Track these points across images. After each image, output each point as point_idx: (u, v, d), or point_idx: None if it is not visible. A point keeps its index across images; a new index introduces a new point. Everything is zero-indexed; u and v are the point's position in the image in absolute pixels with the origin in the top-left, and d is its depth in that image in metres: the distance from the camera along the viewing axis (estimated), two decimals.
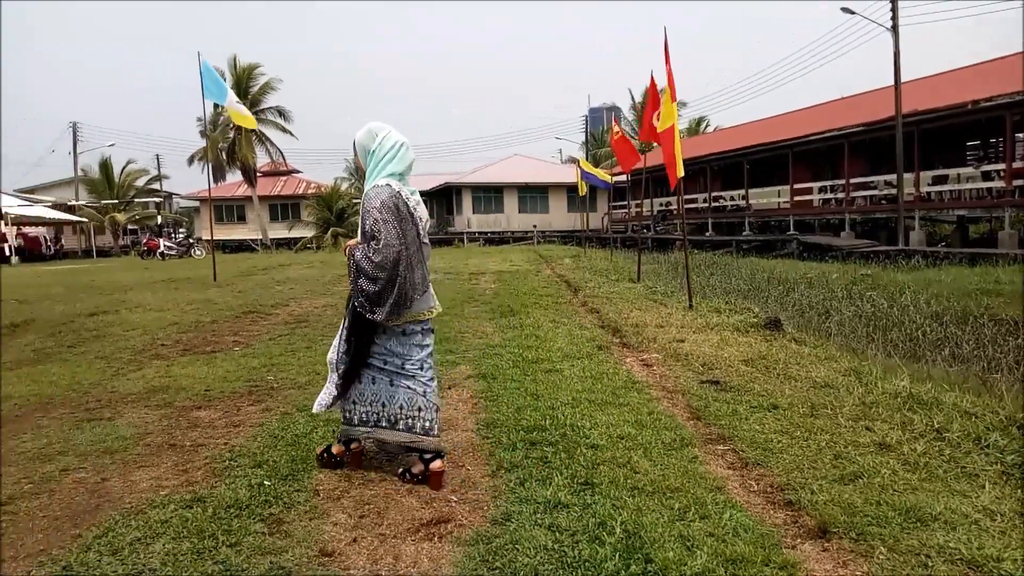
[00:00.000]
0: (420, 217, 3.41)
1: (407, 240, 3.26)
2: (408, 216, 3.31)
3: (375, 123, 3.52)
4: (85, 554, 2.58)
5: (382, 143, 3.41)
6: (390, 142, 3.41)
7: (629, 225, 39.49)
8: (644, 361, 6.14)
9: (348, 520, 2.90)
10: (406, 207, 3.31)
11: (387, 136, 3.42)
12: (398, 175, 3.37)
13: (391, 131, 3.47)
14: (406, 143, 3.45)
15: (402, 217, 3.27)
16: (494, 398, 4.78)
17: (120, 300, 11.73)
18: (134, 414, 4.58)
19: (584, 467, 3.38)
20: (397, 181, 3.34)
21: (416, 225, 3.36)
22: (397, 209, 3.25)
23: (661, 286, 12.59)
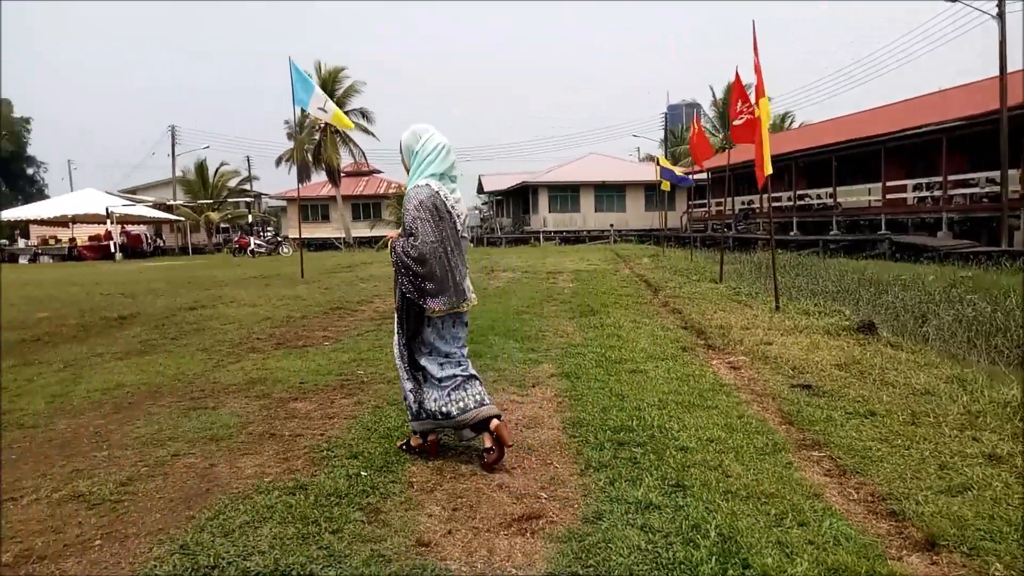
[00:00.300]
0: (459, 214, 3.61)
1: (443, 237, 3.49)
2: (447, 214, 3.52)
3: (419, 125, 3.72)
4: (199, 534, 2.74)
5: (424, 145, 3.61)
6: (432, 144, 3.61)
7: (709, 224, 38.66)
8: (730, 363, 6.01)
9: (442, 512, 2.97)
10: (444, 206, 3.51)
11: (430, 139, 3.63)
12: (439, 175, 3.57)
13: (434, 134, 3.66)
14: (448, 145, 3.65)
15: (440, 216, 3.49)
16: (578, 397, 4.78)
17: (217, 295, 12.33)
18: (236, 404, 4.81)
19: (674, 469, 3.35)
20: (437, 181, 3.55)
21: (455, 222, 3.57)
22: (435, 208, 3.48)
23: (745, 287, 12.26)
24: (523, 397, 4.88)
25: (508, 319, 8.50)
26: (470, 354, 6.19)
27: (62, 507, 3.11)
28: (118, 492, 3.23)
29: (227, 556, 2.54)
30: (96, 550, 2.67)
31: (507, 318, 8.60)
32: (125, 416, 4.62)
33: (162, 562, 2.53)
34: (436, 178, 3.57)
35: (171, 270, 21.62)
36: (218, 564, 2.49)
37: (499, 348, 6.56)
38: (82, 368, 6.30)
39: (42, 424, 4.51)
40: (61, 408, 4.90)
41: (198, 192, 44.72)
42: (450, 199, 3.58)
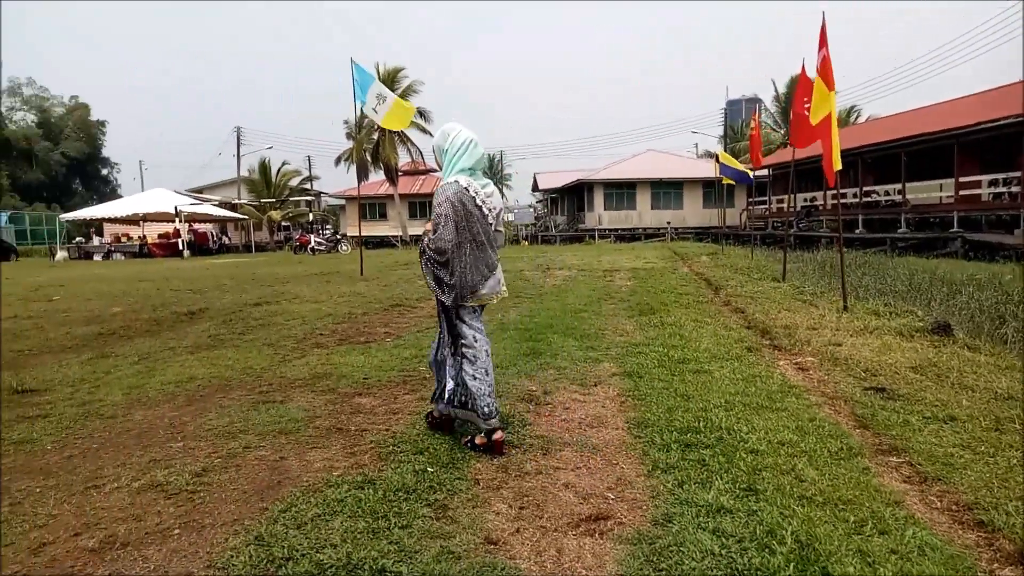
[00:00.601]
0: (491, 208, 3.75)
1: (466, 232, 3.63)
2: (475, 209, 3.65)
3: (448, 124, 3.88)
4: (273, 526, 2.80)
5: (452, 142, 3.76)
6: (460, 140, 3.76)
7: (770, 221, 37.75)
8: (798, 365, 5.84)
9: (509, 510, 2.96)
10: (472, 201, 3.65)
11: (457, 135, 3.77)
12: (468, 170, 3.72)
13: (461, 130, 3.81)
14: (474, 140, 3.79)
15: (466, 211, 3.62)
16: (642, 397, 4.71)
17: (280, 292, 12.64)
18: (302, 398, 4.91)
19: (745, 472, 3.27)
20: (467, 176, 3.69)
21: (484, 217, 3.71)
22: (462, 204, 3.61)
23: (809, 286, 11.91)
24: (585, 396, 4.84)
25: (566, 317, 8.46)
26: (528, 351, 6.24)
27: (141, 496, 3.22)
28: (194, 483, 3.32)
29: (300, 548, 2.58)
30: (175, 539, 2.75)
31: (565, 316, 8.55)
32: (198, 408, 4.76)
33: (238, 553, 2.58)
34: (467, 173, 3.71)
35: (235, 267, 22.27)
36: (292, 556, 2.53)
37: (558, 346, 6.53)
38: (156, 361, 6.52)
39: (120, 415, 4.68)
40: (137, 399, 5.08)
41: (261, 191, 45.94)
42: (480, 194, 3.70)
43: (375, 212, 46.75)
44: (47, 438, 4.20)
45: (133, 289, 14.19)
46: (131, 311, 10.47)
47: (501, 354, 6.18)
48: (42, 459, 3.84)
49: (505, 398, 4.73)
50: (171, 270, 21.37)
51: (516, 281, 13.76)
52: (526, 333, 7.26)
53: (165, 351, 7.08)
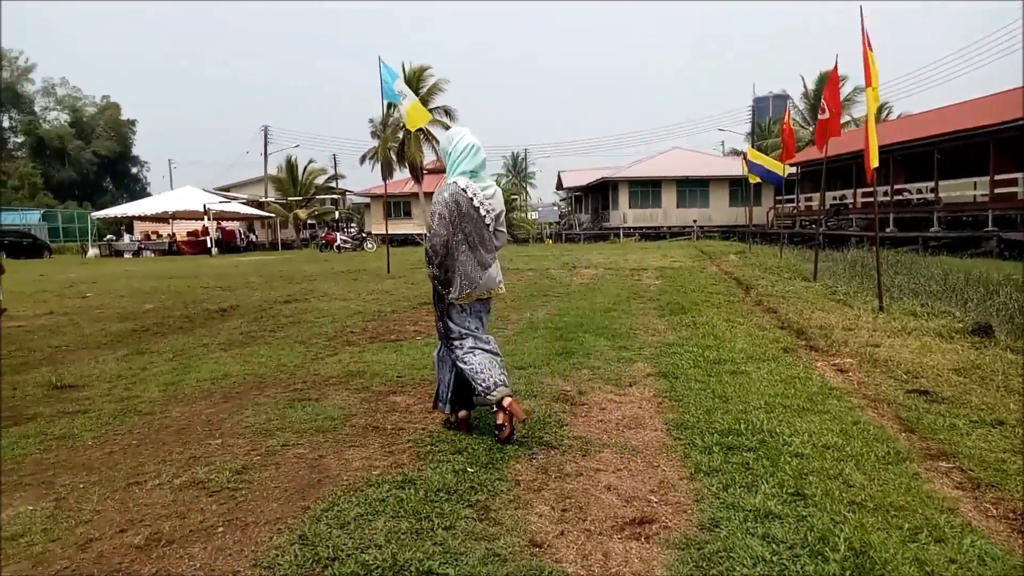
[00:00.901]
0: (489, 210, 3.89)
1: (460, 232, 3.79)
2: (470, 210, 3.80)
3: (455, 128, 4.09)
4: (316, 525, 2.79)
5: (456, 145, 3.93)
6: (462, 144, 3.93)
7: (798, 220, 37.28)
8: (837, 366, 5.74)
9: (552, 513, 2.92)
10: (468, 203, 3.80)
11: (460, 139, 3.95)
12: (469, 172, 3.87)
13: (465, 135, 3.99)
14: (477, 145, 3.96)
15: (460, 212, 3.78)
16: (679, 398, 4.65)
17: (309, 289, 12.73)
18: (337, 396, 4.91)
19: (791, 476, 3.20)
20: (467, 178, 3.85)
21: (481, 218, 3.85)
22: (456, 204, 3.76)
23: (842, 286, 11.73)
24: (621, 396, 4.79)
25: (596, 316, 8.40)
26: (560, 351, 6.20)
27: (183, 493, 3.23)
28: (235, 480, 3.33)
29: (345, 548, 2.57)
30: (219, 537, 2.75)
31: (595, 315, 8.50)
32: (234, 405, 4.78)
33: (283, 552, 2.58)
34: (467, 175, 3.87)
35: (263, 264, 22.48)
36: (338, 556, 2.52)
37: (590, 345, 6.48)
38: (190, 358, 6.58)
39: (158, 411, 4.72)
40: (174, 396, 5.12)
41: (288, 189, 46.34)
42: (479, 195, 3.85)
43: (399, 210, 46.93)
44: (87, 434, 4.25)
45: (164, 286, 14.37)
46: (163, 308, 10.60)
47: (533, 353, 6.15)
48: (83, 455, 3.88)
49: (540, 398, 4.69)
50: (200, 267, 21.63)
51: (543, 280, 13.73)
52: (556, 332, 7.21)
53: (199, 348, 7.14)
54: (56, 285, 15.36)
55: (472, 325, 4.00)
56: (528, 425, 4.02)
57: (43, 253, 33.60)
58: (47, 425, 4.45)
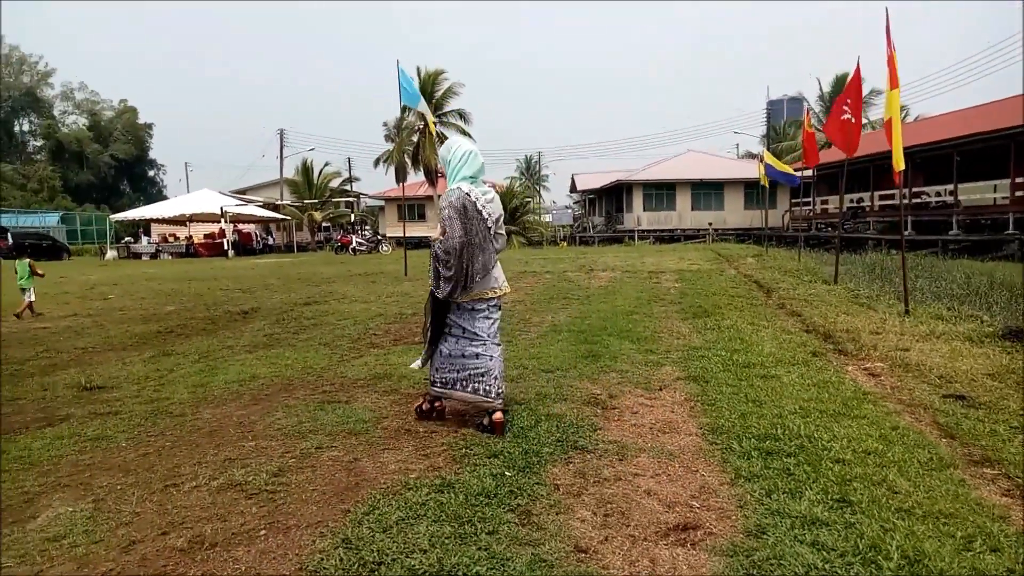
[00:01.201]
0: (490, 213, 4.09)
1: (470, 234, 3.97)
2: (476, 214, 4.00)
3: (452, 137, 4.38)
4: (358, 528, 2.77)
5: (455, 153, 4.15)
6: (461, 151, 4.15)
7: (814, 223, 37.03)
8: (868, 370, 5.67)
9: (594, 518, 2.89)
10: (473, 206, 4.00)
11: (459, 147, 4.18)
12: (469, 178, 4.09)
13: (463, 143, 4.25)
14: (474, 151, 4.19)
15: (469, 216, 3.97)
16: (711, 402, 4.61)
17: (328, 291, 12.76)
18: (367, 399, 4.90)
19: (835, 483, 3.15)
20: (469, 184, 4.06)
21: (484, 221, 4.05)
22: (464, 208, 3.96)
23: (863, 289, 11.62)
24: (652, 400, 4.75)
25: (618, 319, 8.36)
26: (586, 354, 6.16)
27: (222, 495, 3.22)
28: (272, 483, 3.32)
29: (390, 552, 2.55)
30: (262, 540, 2.74)
31: (617, 318, 8.46)
32: (264, 407, 4.78)
33: (327, 556, 2.56)
34: (468, 181, 4.08)
35: (280, 267, 22.58)
36: (383, 560, 2.50)
37: (616, 349, 6.44)
38: (216, 360, 6.60)
39: (189, 413, 4.73)
40: (204, 398, 5.13)
41: (303, 192, 46.57)
42: (481, 200, 4.06)
43: (414, 213, 47.04)
44: (121, 435, 4.26)
45: (184, 288, 14.46)
46: (185, 310, 10.66)
47: (559, 357, 6.12)
48: (119, 456, 3.89)
49: (570, 401, 4.66)
50: (218, 269, 21.75)
51: (561, 282, 13.70)
52: (580, 335, 7.18)
53: (223, 350, 7.16)
54: (77, 287, 15.49)
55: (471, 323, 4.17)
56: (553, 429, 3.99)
57: (62, 255, 33.90)
58: (80, 426, 4.46)
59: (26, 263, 10.72)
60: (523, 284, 13.51)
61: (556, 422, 4.14)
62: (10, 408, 5.08)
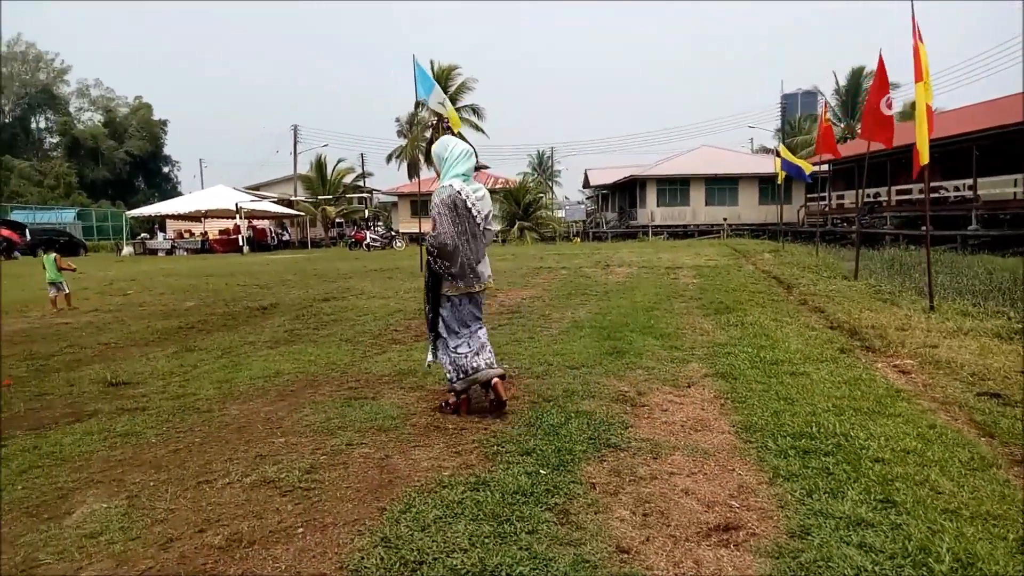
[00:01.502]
0: (479, 210, 4.29)
1: (459, 229, 4.18)
2: (466, 211, 4.20)
3: (446, 137, 4.53)
4: (396, 527, 2.75)
5: (451, 151, 4.34)
6: (457, 150, 4.34)
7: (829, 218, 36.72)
8: (897, 367, 5.59)
9: (633, 517, 2.85)
10: (463, 204, 4.19)
11: (456, 146, 4.37)
12: (462, 175, 4.28)
13: (459, 142, 4.43)
14: (469, 150, 4.40)
15: (459, 212, 4.18)
16: (742, 400, 4.55)
17: (345, 288, 12.76)
18: (393, 395, 4.88)
19: (876, 482, 3.09)
20: (461, 181, 4.25)
21: (473, 218, 4.24)
22: (455, 205, 4.17)
23: (885, 285, 11.50)
24: (681, 397, 4.70)
25: (639, 315, 8.30)
26: (610, 350, 6.12)
27: (255, 492, 3.21)
28: (306, 480, 3.31)
29: (430, 552, 2.53)
30: (300, 538, 2.72)
31: (638, 314, 8.39)
32: (291, 404, 4.77)
33: (367, 554, 2.54)
34: (461, 177, 4.27)
35: (295, 263, 22.64)
36: (424, 560, 2.47)
37: (640, 345, 6.39)
38: (239, 355, 6.61)
39: (216, 409, 4.73)
40: (229, 394, 5.13)
41: (317, 188, 46.64)
42: (471, 197, 4.23)
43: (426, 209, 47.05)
44: (150, 431, 4.26)
45: (202, 284, 14.51)
46: (204, 305, 10.69)
47: (583, 353, 6.08)
48: (149, 452, 3.88)
49: (598, 398, 4.62)
50: (233, 265, 21.83)
51: (578, 278, 13.63)
52: (603, 332, 7.13)
53: (245, 345, 7.17)
54: (96, 283, 15.59)
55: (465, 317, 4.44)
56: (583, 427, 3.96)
57: (79, 251, 34.16)
58: (109, 422, 4.47)
59: (52, 258, 10.89)
60: (539, 280, 13.45)
61: (586, 419, 4.10)
62: (38, 403, 5.11)
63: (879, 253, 20.47)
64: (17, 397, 5.27)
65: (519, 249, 27.90)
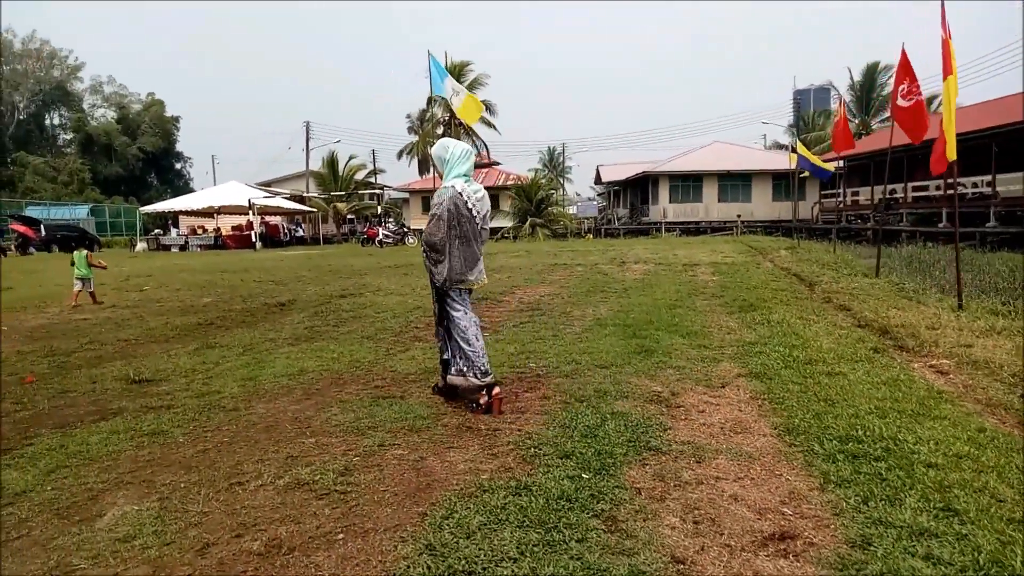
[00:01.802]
0: (479, 211, 4.40)
1: (455, 229, 4.29)
2: (467, 211, 4.32)
3: (444, 139, 4.63)
4: (440, 533, 2.65)
5: (453, 152, 4.44)
6: (458, 151, 4.47)
7: (843, 215, 36.41)
8: (934, 368, 5.46)
9: (683, 525, 2.75)
10: (464, 205, 4.31)
11: (456, 146, 4.50)
12: (464, 175, 4.40)
13: (459, 143, 4.57)
14: (469, 150, 4.55)
15: (459, 212, 4.28)
16: (780, 401, 4.44)
17: (361, 284, 12.69)
18: (421, 394, 4.79)
19: (933, 489, 2.98)
20: (463, 181, 4.38)
21: (472, 218, 4.36)
22: (456, 206, 4.27)
23: (908, 283, 11.33)
24: (716, 398, 4.59)
25: (662, 313, 8.18)
26: (638, 349, 6.01)
27: (290, 495, 3.13)
28: (341, 483, 3.22)
29: (478, 560, 2.43)
30: (341, 544, 2.64)
31: (660, 311, 8.27)
32: (317, 402, 4.69)
33: (413, 563, 2.45)
34: (462, 178, 4.39)
35: (308, 259, 22.60)
36: (472, 569, 2.38)
37: (667, 344, 6.27)
38: (261, 352, 6.54)
39: (242, 407, 4.65)
40: (255, 392, 5.06)
41: (329, 184, 46.64)
42: (472, 198, 4.35)
43: None
44: (177, 430, 4.19)
45: (218, 280, 14.48)
46: (222, 301, 10.65)
47: (610, 352, 5.97)
48: (177, 452, 3.81)
49: (631, 399, 4.52)
50: (247, 261, 21.81)
51: (594, 275, 13.52)
52: (628, 330, 7.02)
53: (266, 342, 7.10)
54: (112, 278, 15.57)
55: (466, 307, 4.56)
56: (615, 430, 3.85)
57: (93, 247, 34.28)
58: (134, 420, 4.41)
59: (84, 254, 11.01)
60: (556, 277, 13.34)
61: (623, 421, 4.00)
62: (62, 401, 5.05)
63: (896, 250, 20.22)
64: (41, 394, 5.22)
65: (532, 245, 27.76)
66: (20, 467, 3.64)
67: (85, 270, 10.88)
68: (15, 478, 3.48)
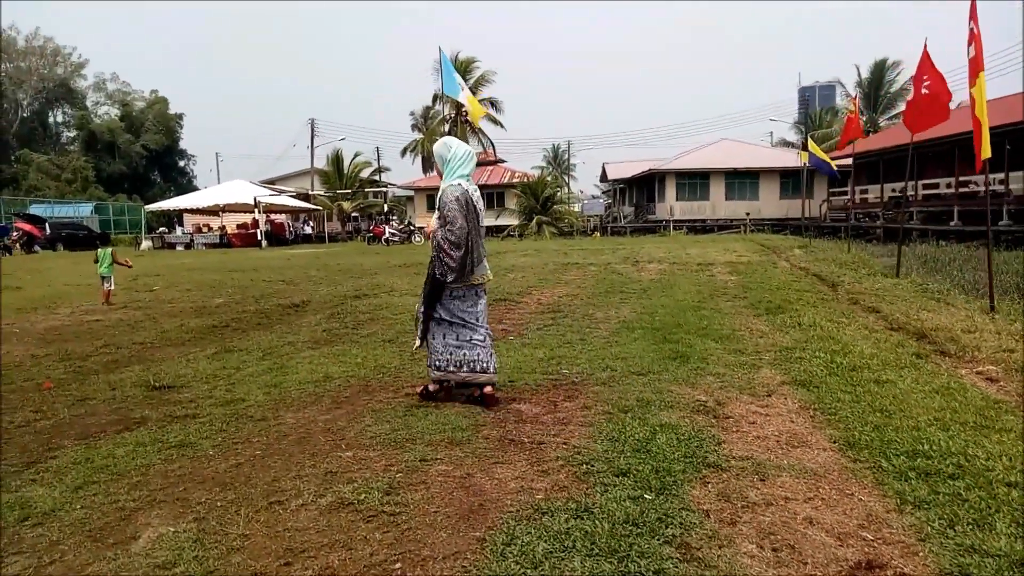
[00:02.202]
0: (479, 209, 4.50)
1: (471, 225, 4.36)
2: (473, 208, 4.40)
3: (447, 137, 4.65)
4: (503, 562, 2.48)
5: (455, 152, 4.48)
6: (460, 151, 4.51)
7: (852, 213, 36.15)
8: (982, 375, 5.27)
9: (762, 552, 2.57)
10: (469, 201, 4.38)
11: (458, 147, 4.53)
12: (465, 176, 4.46)
13: (461, 143, 4.59)
14: (471, 151, 4.60)
15: (469, 209, 4.36)
16: (832, 411, 4.26)
17: (374, 284, 12.52)
18: (455, 404, 4.61)
19: (1022, 511, 2.80)
20: (466, 181, 4.45)
21: (477, 214, 4.44)
22: (466, 202, 4.36)
23: (931, 282, 11.14)
24: (765, 408, 4.41)
25: (687, 315, 8.00)
26: (671, 355, 5.83)
27: (335, 516, 2.95)
28: (388, 503, 3.04)
29: None
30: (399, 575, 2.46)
31: (685, 314, 8.09)
32: (349, 412, 4.52)
33: None
34: (464, 178, 4.45)
35: (315, 257, 22.43)
36: None
37: (701, 349, 6.09)
38: (281, 356, 6.37)
39: (270, 417, 4.48)
40: (281, 400, 4.88)
41: (333, 182, 46.45)
42: (475, 196, 4.44)
43: None
44: (205, 442, 4.02)
45: (228, 280, 14.31)
46: (235, 302, 10.48)
47: (644, 356, 5.79)
48: (209, 466, 3.64)
49: (677, 409, 4.33)
50: (254, 260, 21.64)
51: (609, 275, 13.34)
52: (657, 333, 6.84)
53: (285, 346, 6.94)
54: (121, 278, 15.35)
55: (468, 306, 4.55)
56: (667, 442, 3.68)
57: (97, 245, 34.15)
58: (160, 431, 4.24)
59: (109, 252, 10.98)
60: (571, 277, 13.16)
61: (673, 434, 3.82)
62: (82, 409, 4.88)
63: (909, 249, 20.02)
64: (60, 402, 5.05)
65: (539, 244, 27.58)
66: (47, 483, 3.47)
67: (108, 268, 10.82)
68: (42, 495, 3.30)
